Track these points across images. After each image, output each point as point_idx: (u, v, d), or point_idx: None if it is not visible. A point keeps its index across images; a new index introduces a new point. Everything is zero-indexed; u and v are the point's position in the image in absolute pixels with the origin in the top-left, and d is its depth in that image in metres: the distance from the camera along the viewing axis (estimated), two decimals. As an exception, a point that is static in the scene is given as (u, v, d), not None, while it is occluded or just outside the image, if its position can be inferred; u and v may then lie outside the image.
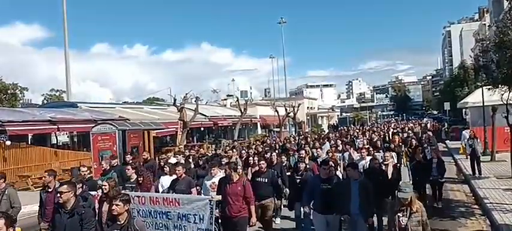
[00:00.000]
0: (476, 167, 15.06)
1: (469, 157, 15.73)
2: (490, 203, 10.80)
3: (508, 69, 11.24)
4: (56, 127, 20.25)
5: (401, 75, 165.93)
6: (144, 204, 7.46)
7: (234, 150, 14.99)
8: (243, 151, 14.55)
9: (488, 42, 12.92)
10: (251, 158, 11.55)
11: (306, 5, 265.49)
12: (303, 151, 11.69)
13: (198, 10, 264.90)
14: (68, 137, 28.10)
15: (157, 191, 8.82)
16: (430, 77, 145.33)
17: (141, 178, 8.78)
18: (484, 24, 51.32)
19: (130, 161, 12.05)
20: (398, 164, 11.91)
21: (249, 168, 10.69)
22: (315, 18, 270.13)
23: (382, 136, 21.42)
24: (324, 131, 44.83)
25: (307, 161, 10.42)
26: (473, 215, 10.48)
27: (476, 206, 11.35)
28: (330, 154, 12.28)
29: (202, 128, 33.75)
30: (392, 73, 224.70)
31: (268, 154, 11.64)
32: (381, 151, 13.39)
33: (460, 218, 10.21)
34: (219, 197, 7.46)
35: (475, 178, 14.47)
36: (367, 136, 20.88)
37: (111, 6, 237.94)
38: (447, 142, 29.06)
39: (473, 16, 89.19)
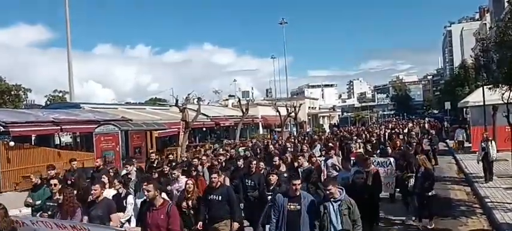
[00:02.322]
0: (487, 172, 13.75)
1: (481, 161, 14.12)
2: (491, 202, 10.87)
3: (509, 69, 11.33)
4: (59, 127, 20.32)
5: (402, 75, 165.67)
6: (51, 229, 6.24)
7: (205, 157, 12.46)
8: (204, 157, 12.23)
9: (488, 42, 13.05)
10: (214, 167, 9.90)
11: (307, 5, 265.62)
12: (277, 158, 10.03)
13: (200, 11, 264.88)
14: (71, 138, 28.21)
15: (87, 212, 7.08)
16: (431, 77, 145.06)
17: (61, 197, 6.77)
18: (485, 23, 51.36)
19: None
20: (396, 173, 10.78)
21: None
22: (316, 18, 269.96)
23: (377, 138, 19.99)
24: (326, 130, 44.91)
25: (284, 169, 9.26)
26: (474, 214, 10.54)
27: (477, 205, 11.41)
28: (314, 160, 10.61)
29: (204, 129, 33.86)
30: (393, 73, 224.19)
31: (241, 160, 10.14)
32: (374, 155, 12.24)
33: (461, 217, 10.27)
34: (138, 229, 6.30)
35: (476, 177, 14.49)
36: (363, 138, 19.34)
37: (114, 7, 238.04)
38: (448, 141, 29.26)
39: (474, 15, 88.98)
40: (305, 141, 20.24)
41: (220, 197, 7.19)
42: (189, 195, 7.48)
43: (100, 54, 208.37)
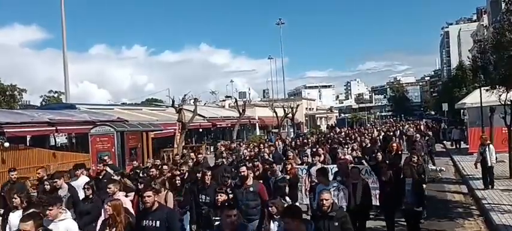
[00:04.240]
0: (488, 179, 12.86)
1: (480, 166, 13.30)
2: (488, 203, 10.81)
3: (506, 70, 11.31)
4: (55, 128, 20.19)
5: (400, 76, 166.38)
6: None
7: (166, 166, 10.36)
8: (165, 167, 10.08)
9: (486, 43, 13.00)
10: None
11: (304, 6, 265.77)
12: (244, 168, 7.69)
13: (196, 11, 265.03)
14: (66, 138, 28.08)
15: None
16: (428, 78, 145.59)
17: None
18: (482, 25, 51.51)
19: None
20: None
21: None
22: (313, 19, 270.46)
23: (373, 141, 18.17)
24: (323, 131, 44.87)
25: (250, 182, 7.27)
26: (471, 215, 10.49)
27: (474, 207, 11.37)
28: (289, 167, 9.30)
29: (200, 130, 33.77)
30: (390, 74, 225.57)
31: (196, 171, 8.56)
32: (363, 162, 11.08)
33: (458, 218, 10.21)
34: None
35: (473, 178, 14.43)
36: (358, 141, 17.94)
37: (110, 7, 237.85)
38: (445, 142, 29.36)
39: (471, 17, 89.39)
40: (295, 144, 19.02)
41: (157, 223, 5.57)
42: (113, 222, 5.57)
43: (96, 55, 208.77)
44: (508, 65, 11.03)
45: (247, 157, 12.95)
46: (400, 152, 12.87)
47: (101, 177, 9.73)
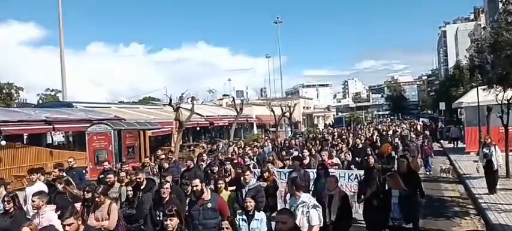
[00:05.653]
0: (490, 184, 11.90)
1: (484, 170, 12.44)
2: (485, 202, 10.83)
3: (503, 70, 11.32)
4: (52, 126, 20.16)
5: (397, 75, 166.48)
6: None
7: (124, 174, 8.98)
8: (123, 174, 8.86)
9: (483, 43, 13.00)
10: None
11: (302, 4, 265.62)
12: (197, 180, 6.25)
13: (194, 9, 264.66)
14: (63, 137, 28.02)
15: None
16: (426, 77, 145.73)
17: None
18: (479, 24, 51.62)
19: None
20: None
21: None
22: (311, 17, 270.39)
23: (370, 142, 17.34)
24: (320, 130, 44.88)
25: (208, 197, 6.05)
26: (468, 214, 10.50)
27: (471, 206, 11.38)
28: (266, 174, 8.48)
29: (198, 128, 33.72)
30: (388, 73, 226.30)
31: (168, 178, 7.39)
32: (352, 167, 10.56)
33: (455, 217, 10.22)
34: None
35: (470, 177, 14.43)
36: (350, 142, 17.13)
37: (107, 5, 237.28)
38: (442, 141, 29.43)
39: (468, 16, 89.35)
40: (284, 146, 18.16)
41: None
42: None
43: (93, 53, 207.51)
44: (505, 64, 11.03)
45: (223, 159, 11.68)
46: (393, 155, 12.51)
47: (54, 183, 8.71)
